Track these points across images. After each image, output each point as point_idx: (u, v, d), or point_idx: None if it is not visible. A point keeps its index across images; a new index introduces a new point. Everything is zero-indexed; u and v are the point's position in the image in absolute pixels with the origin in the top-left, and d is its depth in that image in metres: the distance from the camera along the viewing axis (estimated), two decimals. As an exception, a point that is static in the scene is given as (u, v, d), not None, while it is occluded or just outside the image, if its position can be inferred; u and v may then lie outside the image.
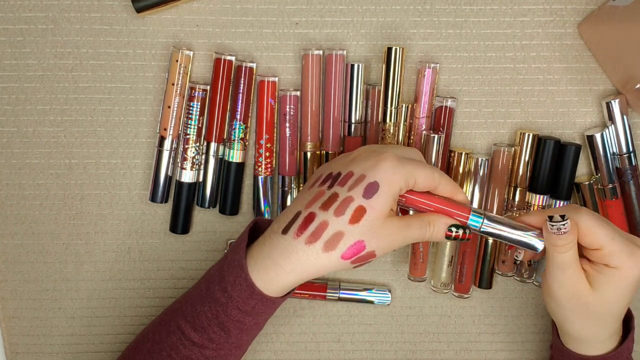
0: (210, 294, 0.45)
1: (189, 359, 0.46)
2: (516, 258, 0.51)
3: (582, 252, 0.47)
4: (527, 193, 0.55)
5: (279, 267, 0.44)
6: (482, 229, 0.47)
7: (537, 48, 0.54)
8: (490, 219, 0.47)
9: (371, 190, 0.43)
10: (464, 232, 0.46)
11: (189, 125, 0.53)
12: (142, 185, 0.56)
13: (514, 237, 0.47)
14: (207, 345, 0.45)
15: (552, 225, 0.45)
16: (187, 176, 0.54)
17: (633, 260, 0.45)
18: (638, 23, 0.48)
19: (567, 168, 0.54)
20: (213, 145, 0.54)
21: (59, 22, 0.53)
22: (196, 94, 0.53)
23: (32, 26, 0.53)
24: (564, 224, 0.45)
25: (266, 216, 0.55)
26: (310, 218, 0.44)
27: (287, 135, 0.54)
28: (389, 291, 0.58)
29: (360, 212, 0.43)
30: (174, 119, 0.53)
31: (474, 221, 0.47)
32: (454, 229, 0.46)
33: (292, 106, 0.53)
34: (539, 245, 0.47)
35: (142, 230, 0.57)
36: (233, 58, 0.53)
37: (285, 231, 0.44)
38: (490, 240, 0.55)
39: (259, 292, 0.44)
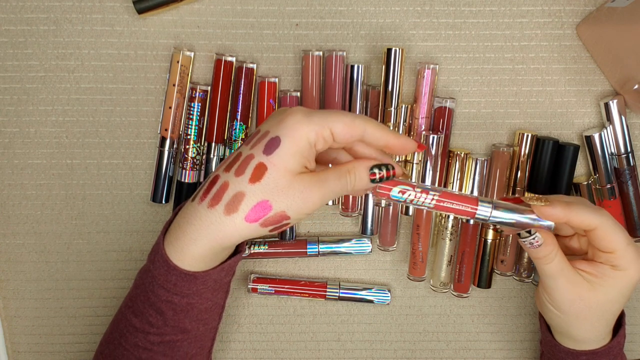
0: (140, 277, 0.45)
1: (136, 346, 0.45)
2: (534, 239, 0.47)
3: (588, 251, 0.47)
4: (526, 193, 0.55)
5: (186, 235, 0.42)
6: (490, 218, 0.45)
7: (535, 49, 0.54)
8: (499, 207, 0.45)
9: (272, 145, 0.40)
10: (388, 170, 0.43)
11: (189, 126, 0.54)
12: (144, 185, 0.56)
13: (524, 221, 0.45)
14: (148, 330, 0.44)
15: (524, 241, 0.45)
16: (188, 176, 0.54)
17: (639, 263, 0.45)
18: (636, 24, 0.48)
19: (565, 168, 0.54)
20: (214, 146, 0.54)
21: (60, 23, 0.53)
22: (197, 95, 0.53)
23: (34, 27, 0.53)
24: (534, 238, 0.45)
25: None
26: (214, 181, 0.42)
27: (288, 135, 0.54)
28: (389, 291, 0.58)
29: (260, 170, 0.40)
30: (174, 119, 0.53)
31: (482, 211, 0.45)
32: (376, 170, 0.43)
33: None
34: (552, 224, 0.45)
35: (144, 230, 0.57)
36: (233, 59, 0.53)
37: (193, 198, 0.43)
38: (490, 239, 0.56)
39: (174, 265, 0.42)
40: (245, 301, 0.59)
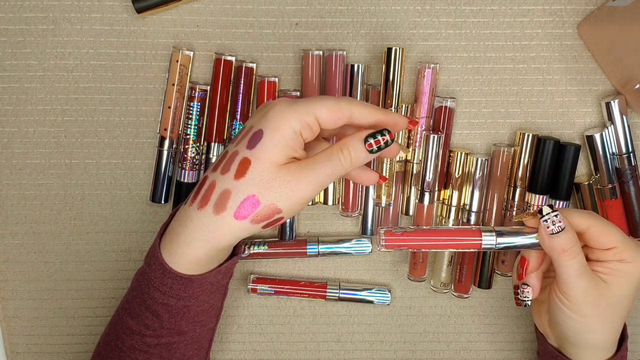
0: (136, 279, 0.45)
1: (133, 348, 0.45)
2: (526, 298, 0.48)
3: (588, 256, 0.47)
4: (527, 193, 0.55)
5: (180, 238, 0.42)
6: (497, 246, 0.45)
7: (536, 48, 0.54)
8: (501, 233, 0.46)
9: (255, 139, 0.40)
10: (383, 135, 0.41)
11: (189, 126, 0.53)
12: (143, 185, 0.56)
13: (527, 242, 0.46)
14: (144, 332, 0.44)
15: (546, 220, 0.44)
16: (187, 176, 0.54)
17: None
18: (637, 24, 0.48)
19: (566, 168, 0.54)
20: (213, 146, 0.54)
21: (59, 23, 0.53)
22: (196, 94, 0.53)
23: (32, 27, 0.53)
24: (556, 215, 0.44)
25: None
26: (203, 182, 0.42)
27: (287, 135, 0.54)
28: (389, 291, 0.58)
29: (244, 165, 0.40)
30: (174, 119, 0.53)
31: (487, 240, 0.45)
32: (371, 139, 0.41)
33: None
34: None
35: (143, 230, 0.57)
36: (233, 58, 0.53)
37: (185, 200, 0.43)
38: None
39: (169, 269, 0.42)
40: (244, 302, 0.59)
